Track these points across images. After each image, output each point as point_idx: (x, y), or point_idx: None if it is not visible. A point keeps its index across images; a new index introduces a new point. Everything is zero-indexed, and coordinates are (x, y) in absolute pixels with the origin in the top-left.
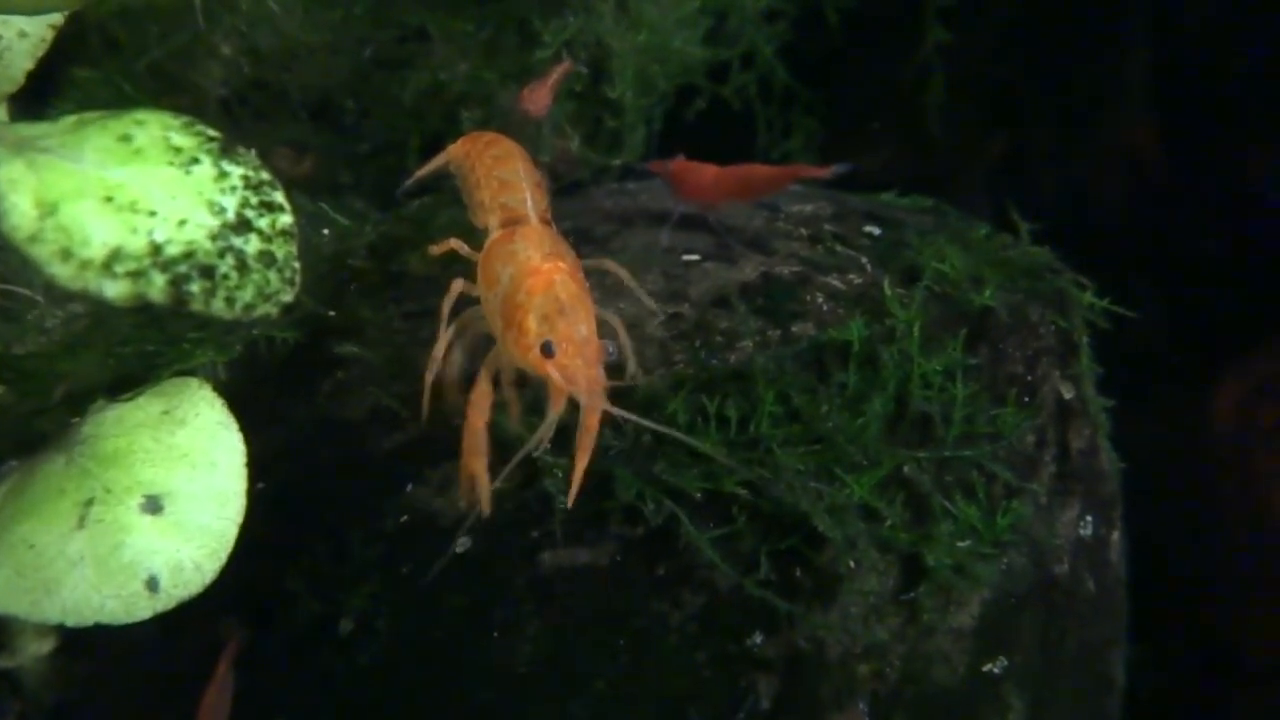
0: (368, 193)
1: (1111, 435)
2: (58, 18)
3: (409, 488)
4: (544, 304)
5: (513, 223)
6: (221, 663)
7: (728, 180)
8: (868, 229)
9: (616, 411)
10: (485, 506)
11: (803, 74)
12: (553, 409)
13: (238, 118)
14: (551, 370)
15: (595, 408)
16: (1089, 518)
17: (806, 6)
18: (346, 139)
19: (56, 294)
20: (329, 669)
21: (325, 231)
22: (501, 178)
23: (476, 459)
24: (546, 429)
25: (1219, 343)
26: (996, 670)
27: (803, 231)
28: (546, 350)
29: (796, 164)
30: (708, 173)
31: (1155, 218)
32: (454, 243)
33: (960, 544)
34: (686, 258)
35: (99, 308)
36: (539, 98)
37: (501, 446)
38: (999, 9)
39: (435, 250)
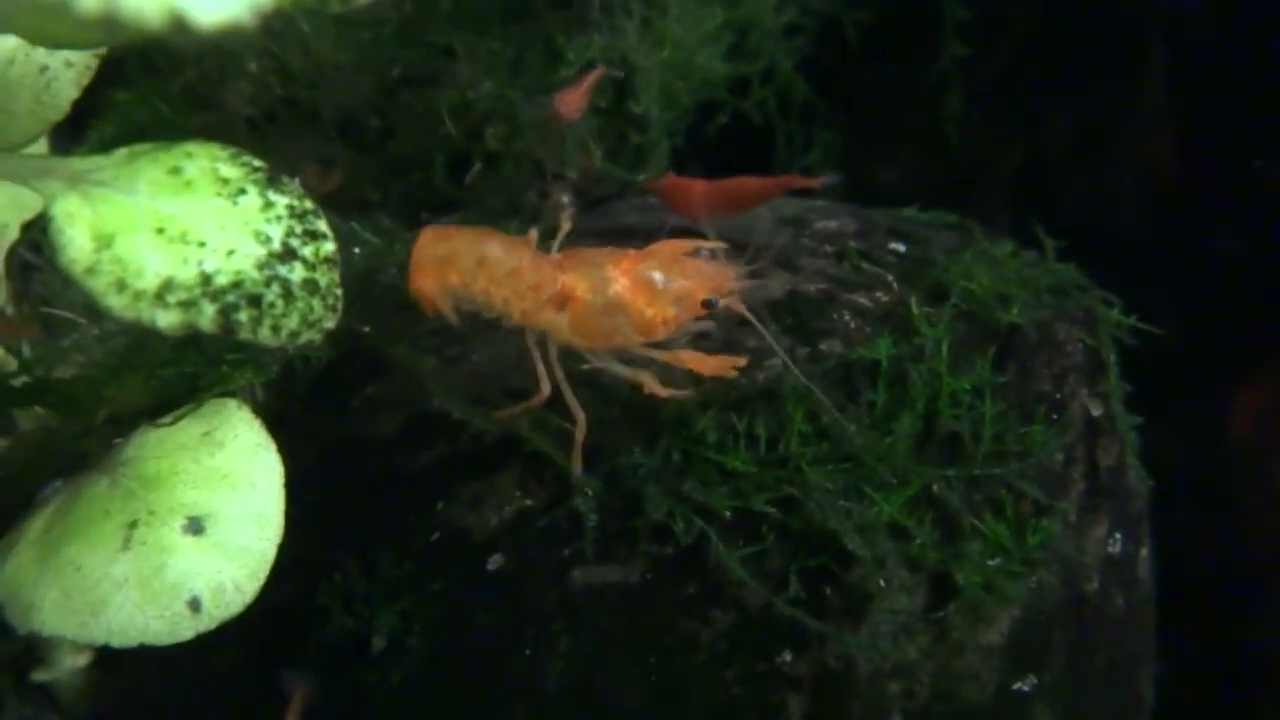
0: (395, 210)
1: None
2: (103, 47)
3: (440, 505)
4: (652, 277)
5: (550, 289)
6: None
7: (717, 194)
8: (893, 246)
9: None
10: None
11: (822, 88)
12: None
13: (265, 135)
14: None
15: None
16: (1118, 535)
17: (825, 22)
18: (373, 156)
19: (96, 316)
20: (361, 686)
21: (356, 250)
22: (495, 261)
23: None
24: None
25: (1236, 354)
26: (1026, 688)
27: (828, 248)
28: (710, 305)
29: (787, 176)
30: (697, 187)
31: (1172, 228)
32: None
33: (990, 562)
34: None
35: (137, 329)
36: (573, 101)
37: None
38: (1015, 22)
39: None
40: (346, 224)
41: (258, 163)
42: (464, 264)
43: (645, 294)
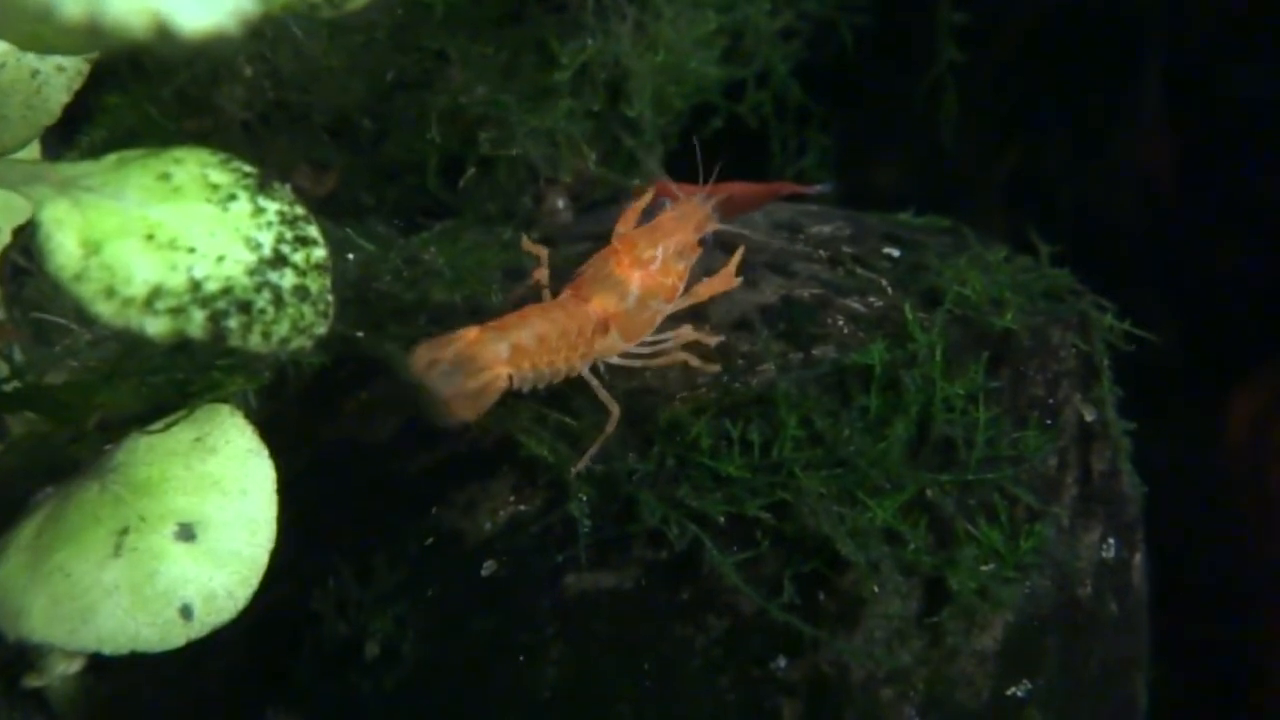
0: (389, 214)
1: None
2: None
3: (434, 510)
4: (654, 254)
5: (591, 323)
6: None
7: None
8: (887, 250)
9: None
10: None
11: (817, 92)
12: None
13: (259, 137)
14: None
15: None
16: (1111, 540)
17: (821, 25)
18: (367, 160)
19: (87, 321)
20: (355, 692)
21: (350, 256)
22: (546, 332)
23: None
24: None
25: (1232, 359)
26: (1020, 693)
27: (822, 253)
28: (704, 242)
29: (781, 182)
30: (690, 192)
31: (1167, 234)
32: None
33: (983, 567)
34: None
35: (127, 336)
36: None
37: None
38: (1012, 28)
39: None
40: (340, 230)
41: (248, 168)
42: (529, 347)
43: (658, 270)
